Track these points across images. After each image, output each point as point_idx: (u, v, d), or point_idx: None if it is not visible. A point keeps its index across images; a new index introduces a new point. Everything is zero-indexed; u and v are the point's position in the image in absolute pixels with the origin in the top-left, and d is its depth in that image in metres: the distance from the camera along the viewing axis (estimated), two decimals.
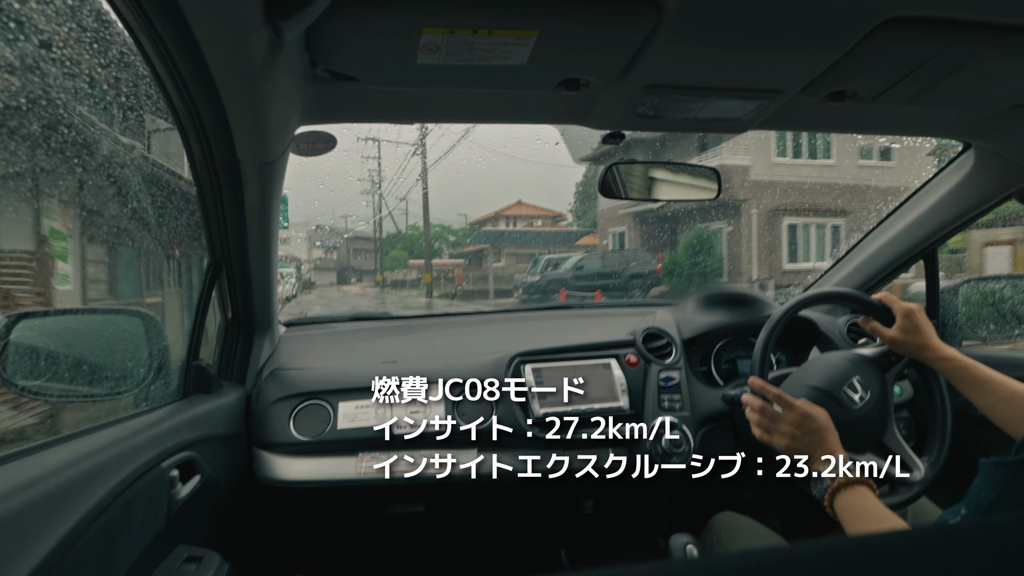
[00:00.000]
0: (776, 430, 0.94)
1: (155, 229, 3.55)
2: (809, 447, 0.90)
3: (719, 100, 0.93)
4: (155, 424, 0.87)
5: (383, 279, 27.99)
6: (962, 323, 1.52)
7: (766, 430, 0.96)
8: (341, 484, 1.17)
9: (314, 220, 36.41)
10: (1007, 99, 0.98)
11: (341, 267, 42.20)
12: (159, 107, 0.81)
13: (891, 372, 1.06)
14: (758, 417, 0.96)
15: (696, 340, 1.41)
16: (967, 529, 0.34)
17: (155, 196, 3.03)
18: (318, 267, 37.51)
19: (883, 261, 1.52)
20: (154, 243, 3.94)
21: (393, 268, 30.97)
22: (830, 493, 0.85)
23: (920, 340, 0.99)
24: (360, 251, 43.51)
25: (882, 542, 0.31)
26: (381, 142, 25.38)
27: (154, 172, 2.97)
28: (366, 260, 43.30)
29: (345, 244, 41.26)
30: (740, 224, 13.30)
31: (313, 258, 37.34)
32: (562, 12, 0.69)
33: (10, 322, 0.83)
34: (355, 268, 42.94)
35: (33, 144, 2.09)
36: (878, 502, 0.82)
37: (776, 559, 0.29)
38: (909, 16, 0.71)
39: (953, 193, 1.34)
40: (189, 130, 0.83)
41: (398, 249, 33.88)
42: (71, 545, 0.61)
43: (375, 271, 33.40)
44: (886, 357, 1.06)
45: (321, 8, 0.60)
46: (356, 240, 41.85)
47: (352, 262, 43.17)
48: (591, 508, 1.40)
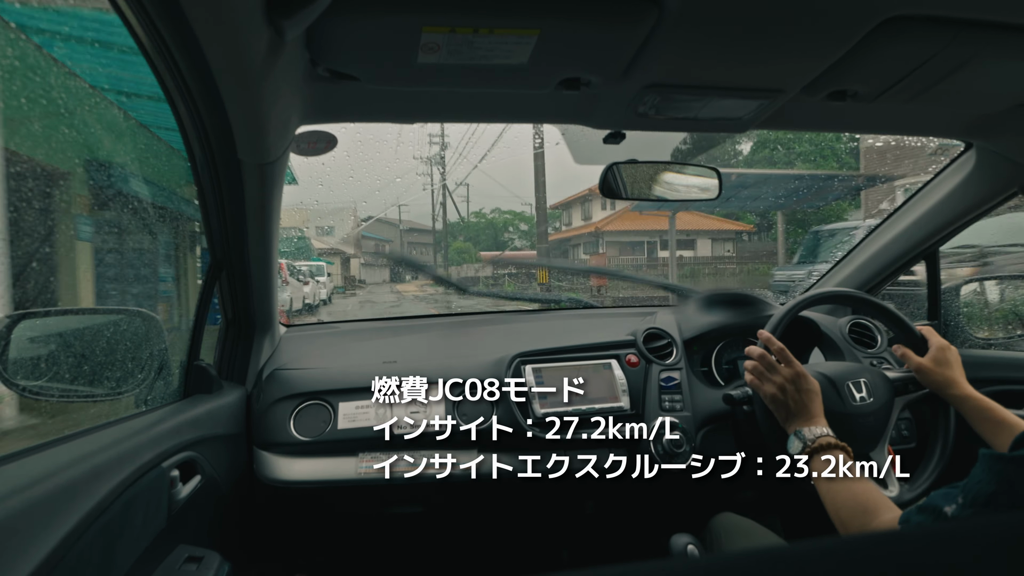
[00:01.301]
0: (768, 379, 0.98)
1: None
2: (795, 405, 0.95)
3: (719, 99, 0.93)
4: (156, 424, 0.87)
5: (447, 276, 24.18)
6: (964, 324, 1.52)
7: (759, 377, 0.99)
8: (341, 484, 1.17)
9: (363, 207, 30.55)
10: (1008, 98, 0.97)
11: (395, 262, 36.68)
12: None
13: (904, 398, 1.07)
14: (754, 364, 1.00)
15: (697, 340, 1.41)
16: (966, 529, 0.34)
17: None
18: (368, 263, 31.43)
19: (884, 261, 1.52)
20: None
21: (460, 263, 26.69)
22: (808, 453, 0.89)
23: (948, 374, 1.00)
24: (416, 244, 37.72)
25: (882, 542, 0.31)
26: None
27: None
28: (423, 254, 37.65)
29: (400, 236, 35.72)
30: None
31: (363, 252, 30.81)
32: (563, 11, 0.69)
33: (11, 322, 0.83)
34: (411, 263, 39.77)
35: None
36: (853, 466, 0.86)
37: (776, 559, 0.28)
38: (910, 15, 0.71)
39: (954, 193, 1.34)
40: (190, 130, 0.83)
41: (462, 241, 29.90)
42: (72, 545, 0.61)
43: (436, 267, 28.33)
44: (905, 384, 1.07)
45: (322, 7, 0.60)
46: (411, 232, 36.62)
47: (408, 257, 38.81)
48: (592, 508, 1.40)
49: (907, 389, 1.07)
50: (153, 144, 3.97)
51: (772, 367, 0.98)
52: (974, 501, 0.60)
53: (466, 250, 27.42)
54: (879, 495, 0.81)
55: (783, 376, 0.96)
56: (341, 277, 20.49)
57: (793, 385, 0.95)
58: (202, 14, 0.58)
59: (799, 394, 0.95)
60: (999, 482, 0.59)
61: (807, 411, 0.94)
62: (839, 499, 0.82)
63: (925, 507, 0.67)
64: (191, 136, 0.84)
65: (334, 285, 17.09)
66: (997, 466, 0.60)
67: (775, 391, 0.96)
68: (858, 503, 0.80)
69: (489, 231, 32.86)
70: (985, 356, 1.44)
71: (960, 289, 1.53)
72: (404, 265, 32.14)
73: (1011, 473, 0.58)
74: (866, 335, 1.44)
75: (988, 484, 0.59)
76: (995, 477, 0.59)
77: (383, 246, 35.36)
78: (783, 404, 0.96)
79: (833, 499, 0.83)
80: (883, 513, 0.77)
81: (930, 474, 1.02)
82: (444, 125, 21.44)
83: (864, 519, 0.78)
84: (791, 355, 0.97)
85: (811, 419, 0.93)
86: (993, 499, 0.59)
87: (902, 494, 0.99)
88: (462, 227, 30.79)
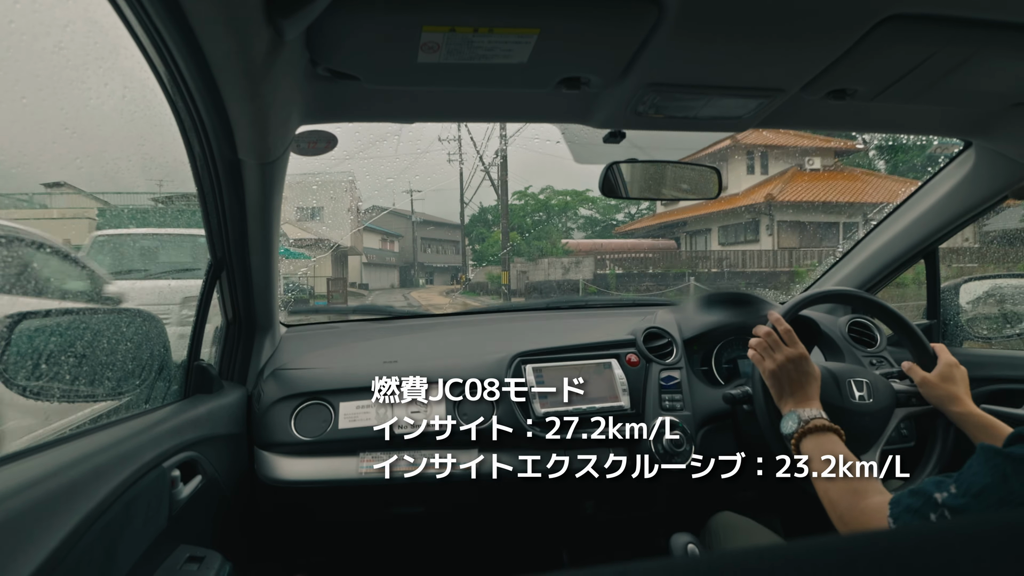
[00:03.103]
0: (770, 355, 0.99)
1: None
2: (792, 384, 0.96)
3: (719, 98, 0.93)
4: (156, 424, 0.87)
5: (501, 280, 15.52)
6: (963, 323, 1.52)
7: (761, 352, 1.01)
8: (342, 484, 1.17)
9: (368, 197, 22.06)
10: (1008, 97, 0.98)
11: (406, 263, 29.70)
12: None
13: (905, 409, 1.07)
14: (758, 340, 1.02)
15: (697, 340, 1.41)
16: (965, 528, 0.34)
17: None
18: (372, 262, 25.83)
19: (884, 260, 1.52)
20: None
21: (490, 261, 19.42)
22: (800, 432, 0.90)
23: (953, 390, 1.00)
24: (433, 241, 31.29)
25: (882, 541, 0.31)
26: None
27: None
28: (440, 252, 31.26)
29: (412, 230, 29.29)
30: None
31: (365, 248, 24.07)
32: (563, 10, 0.69)
33: (12, 322, 0.83)
34: (425, 265, 31.01)
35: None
36: (845, 448, 0.87)
37: (777, 557, 0.29)
38: (909, 14, 0.71)
39: (954, 192, 1.34)
40: (190, 129, 0.83)
41: (497, 231, 19.88)
42: (73, 545, 0.61)
43: (459, 268, 21.94)
44: (908, 397, 1.08)
45: (322, 7, 0.60)
46: (426, 226, 30.23)
47: (421, 256, 30.84)
48: (592, 508, 1.40)
49: (909, 402, 1.07)
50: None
51: (776, 345, 0.99)
52: (967, 491, 0.61)
53: (515, 243, 18.38)
54: (870, 477, 0.81)
55: (785, 355, 0.97)
56: (326, 282, 14.94)
57: (794, 365, 0.97)
58: (202, 14, 0.58)
59: (798, 375, 0.96)
60: (994, 475, 0.59)
61: (804, 392, 0.95)
62: (829, 480, 0.83)
63: (917, 491, 0.67)
64: (191, 135, 0.84)
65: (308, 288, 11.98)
66: (995, 460, 0.60)
67: (775, 368, 0.97)
68: (848, 485, 0.80)
69: (542, 217, 22.90)
70: (984, 355, 1.44)
71: (959, 288, 1.53)
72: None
73: (1006, 468, 0.59)
74: (865, 334, 1.44)
75: (983, 476, 0.60)
76: (991, 470, 0.60)
77: (391, 242, 28.32)
78: (780, 382, 0.97)
79: (823, 480, 0.83)
80: (873, 495, 0.77)
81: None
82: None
83: (853, 500, 0.78)
84: (797, 338, 0.99)
85: (806, 401, 0.94)
86: (985, 491, 0.59)
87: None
88: (506, 214, 18.71)
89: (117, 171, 3.29)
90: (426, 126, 13.00)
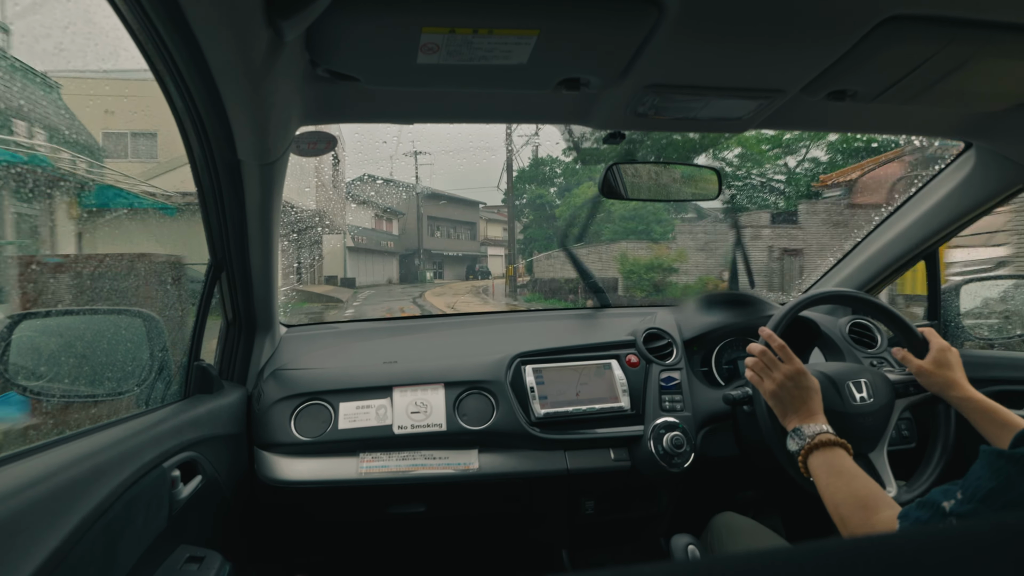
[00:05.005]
0: (768, 375, 0.98)
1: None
2: (793, 402, 0.95)
3: (719, 99, 0.93)
4: (156, 424, 0.87)
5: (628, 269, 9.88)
6: (964, 324, 1.52)
7: (759, 373, 0.99)
8: (342, 484, 1.17)
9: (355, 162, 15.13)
10: (1008, 98, 0.97)
11: (408, 249, 22.13)
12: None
13: (905, 400, 1.07)
14: (755, 360, 1.00)
15: (697, 340, 1.41)
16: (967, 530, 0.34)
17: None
18: (361, 246, 17.82)
19: (884, 261, 1.52)
20: None
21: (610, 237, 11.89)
22: (807, 449, 0.88)
23: (949, 375, 1.00)
24: (444, 221, 23.62)
25: (883, 542, 0.31)
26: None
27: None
28: (452, 238, 23.24)
29: (416, 206, 21.34)
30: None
31: (350, 227, 16.38)
32: (562, 11, 0.69)
33: (12, 323, 0.83)
34: (434, 252, 23.75)
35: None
36: (853, 463, 0.85)
37: (778, 560, 0.29)
38: (909, 15, 0.71)
39: (954, 193, 1.34)
40: (190, 130, 0.83)
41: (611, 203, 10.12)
42: (73, 545, 0.61)
43: (476, 258, 16.19)
44: (906, 386, 1.07)
45: (322, 7, 0.60)
46: (436, 202, 22.01)
47: (429, 241, 23.12)
48: (592, 508, 1.40)
49: (908, 391, 1.07)
50: None
51: (773, 364, 0.98)
52: (972, 496, 0.60)
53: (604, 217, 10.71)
54: (879, 491, 0.80)
55: (783, 373, 0.96)
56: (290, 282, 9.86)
57: (793, 382, 0.95)
58: (202, 14, 0.58)
59: (799, 391, 0.95)
60: (999, 479, 0.59)
61: (806, 408, 0.94)
62: (839, 496, 0.82)
63: (924, 503, 0.67)
64: (191, 136, 0.84)
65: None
66: (998, 463, 0.60)
67: (775, 388, 0.96)
68: (858, 499, 0.80)
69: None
70: (985, 356, 1.44)
71: (960, 289, 1.53)
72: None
73: (1011, 470, 0.58)
74: (866, 335, 1.44)
75: (988, 480, 0.60)
76: (995, 474, 0.59)
77: (388, 221, 19.93)
78: (783, 401, 0.95)
79: (833, 495, 0.82)
80: (883, 509, 0.77)
81: (930, 475, 1.02)
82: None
83: (864, 515, 0.78)
84: (792, 352, 0.97)
85: (810, 416, 0.93)
86: (992, 495, 0.59)
87: (901, 494, 0.99)
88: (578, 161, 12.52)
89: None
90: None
